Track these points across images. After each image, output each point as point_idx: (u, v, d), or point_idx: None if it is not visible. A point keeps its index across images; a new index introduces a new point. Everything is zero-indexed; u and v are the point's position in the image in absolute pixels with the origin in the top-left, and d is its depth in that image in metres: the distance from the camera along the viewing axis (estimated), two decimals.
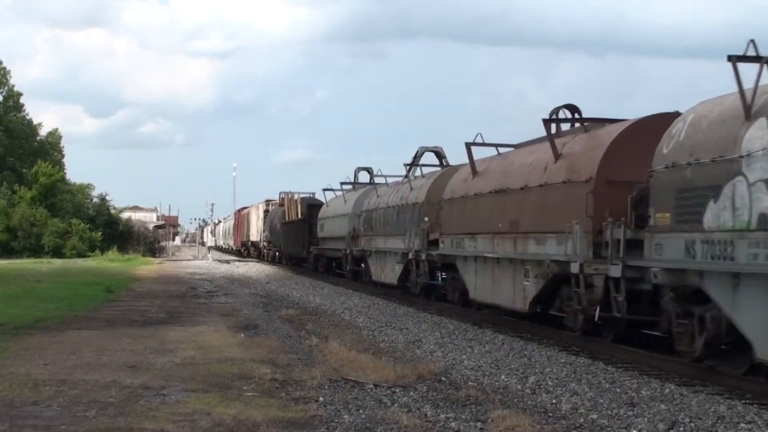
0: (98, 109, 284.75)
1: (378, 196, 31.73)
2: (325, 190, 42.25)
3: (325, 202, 42.68)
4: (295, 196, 53.08)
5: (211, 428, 8.55)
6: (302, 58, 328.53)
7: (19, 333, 16.06)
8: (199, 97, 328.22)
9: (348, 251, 34.67)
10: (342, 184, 39.94)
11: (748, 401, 10.53)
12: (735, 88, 11.42)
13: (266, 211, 64.02)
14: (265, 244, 63.34)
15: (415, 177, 28.82)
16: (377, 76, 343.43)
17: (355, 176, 40.89)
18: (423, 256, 24.35)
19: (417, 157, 30.64)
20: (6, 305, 20.79)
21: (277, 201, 61.48)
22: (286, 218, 52.16)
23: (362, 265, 33.55)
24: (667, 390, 11.24)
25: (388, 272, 28.80)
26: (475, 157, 22.01)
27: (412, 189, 27.12)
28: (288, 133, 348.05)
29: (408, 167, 30.14)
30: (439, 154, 31.18)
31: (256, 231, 69.52)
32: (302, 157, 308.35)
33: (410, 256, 25.32)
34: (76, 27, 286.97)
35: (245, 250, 78.86)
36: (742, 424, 9.29)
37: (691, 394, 10.94)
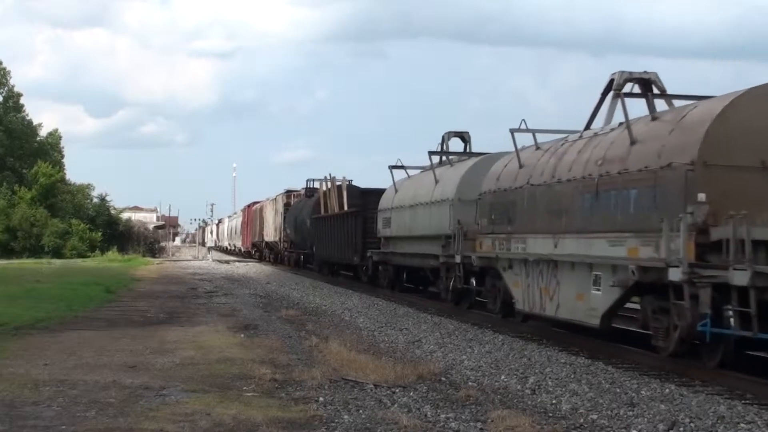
0: (99, 109, 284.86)
1: (523, 167, 18.01)
2: (392, 167, 29.39)
3: (393, 184, 29.75)
4: (337, 182, 40.58)
5: (211, 428, 8.56)
6: (303, 58, 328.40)
7: (19, 333, 16.08)
8: (199, 97, 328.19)
9: (455, 259, 21.40)
10: (431, 154, 26.18)
11: (748, 401, 10.52)
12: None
13: (287, 205, 52.09)
14: (286, 245, 52.18)
15: (618, 125, 15.20)
16: (378, 76, 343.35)
17: (443, 144, 26.71)
18: (746, 279, 11.04)
19: (617, 86, 16.09)
20: (6, 305, 20.80)
21: (302, 192, 50.23)
22: (324, 211, 40.46)
23: (475, 281, 21.12)
24: (667, 390, 11.24)
25: (569, 301, 15.48)
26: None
27: (635, 142, 13.86)
28: (288, 133, 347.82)
29: (604, 100, 16.60)
30: (651, 83, 15.95)
31: (273, 229, 56.81)
32: (303, 157, 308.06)
33: (676, 276, 11.96)
34: (77, 27, 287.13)
35: (257, 251, 68.58)
36: (742, 425, 9.29)
37: (691, 394, 10.94)
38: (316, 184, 47.00)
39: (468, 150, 26.93)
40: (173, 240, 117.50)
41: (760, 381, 11.22)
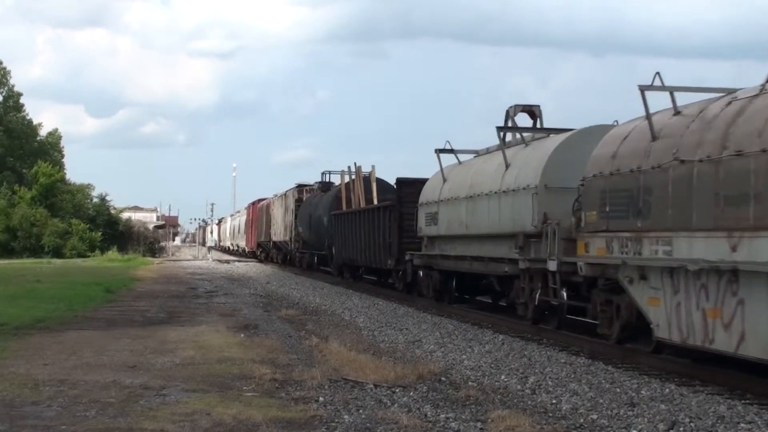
0: (99, 108, 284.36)
1: (660, 138, 13.11)
2: (440, 151, 24.10)
3: (439, 171, 24.32)
4: (364, 172, 35.86)
5: (211, 428, 8.56)
6: (303, 58, 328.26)
7: (19, 333, 16.07)
8: (200, 97, 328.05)
9: (547, 265, 16.36)
10: (500, 129, 20.41)
11: (748, 401, 10.52)
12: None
13: (299, 201, 46.84)
14: (298, 245, 46.69)
15: None
16: (378, 76, 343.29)
17: (508, 121, 20.84)
18: None
19: None
20: (6, 305, 20.80)
21: (316, 186, 45.83)
22: (346, 206, 35.86)
23: (566, 294, 16.31)
24: (667, 390, 11.24)
25: (765, 331, 10.57)
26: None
27: None
28: (289, 133, 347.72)
29: None
30: None
31: (282, 228, 51.50)
32: (303, 157, 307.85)
33: None
34: (77, 27, 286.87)
35: (263, 252, 63.61)
36: (742, 424, 9.30)
37: (691, 394, 10.95)
38: (334, 177, 43.07)
39: (537, 125, 21.16)
40: (173, 240, 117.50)
41: (760, 381, 11.22)
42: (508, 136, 20.79)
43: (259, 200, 65.65)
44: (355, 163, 36.70)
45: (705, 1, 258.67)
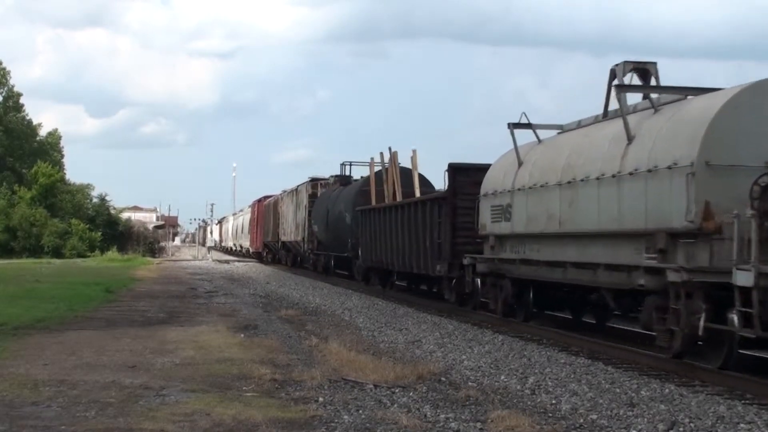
0: (99, 109, 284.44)
1: None
2: (515, 125, 18.62)
3: (513, 151, 18.82)
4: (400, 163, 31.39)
5: (211, 428, 8.56)
6: (304, 58, 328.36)
7: (19, 333, 16.08)
8: (200, 97, 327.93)
9: (735, 278, 10.99)
10: (619, 88, 15.05)
11: (748, 401, 10.53)
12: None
13: (313, 196, 41.99)
14: (311, 246, 41.53)
15: None
16: (379, 76, 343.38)
17: (617, 75, 15.44)
18: None
19: None
20: (6, 305, 20.80)
21: (332, 179, 40.45)
22: (375, 201, 31.08)
23: (738, 319, 11.07)
24: (667, 390, 11.25)
25: None
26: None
27: None
28: (289, 133, 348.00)
29: None
30: None
31: (293, 227, 46.26)
32: (303, 157, 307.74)
33: None
34: (77, 27, 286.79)
35: (269, 253, 58.92)
36: (742, 425, 9.30)
37: (691, 394, 10.95)
38: (355, 170, 38.73)
39: (652, 84, 15.51)
40: (173, 240, 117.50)
41: (760, 381, 11.23)
42: (612, 105, 15.70)
43: (266, 197, 60.38)
44: (389, 149, 31.33)
45: (705, 1, 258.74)
